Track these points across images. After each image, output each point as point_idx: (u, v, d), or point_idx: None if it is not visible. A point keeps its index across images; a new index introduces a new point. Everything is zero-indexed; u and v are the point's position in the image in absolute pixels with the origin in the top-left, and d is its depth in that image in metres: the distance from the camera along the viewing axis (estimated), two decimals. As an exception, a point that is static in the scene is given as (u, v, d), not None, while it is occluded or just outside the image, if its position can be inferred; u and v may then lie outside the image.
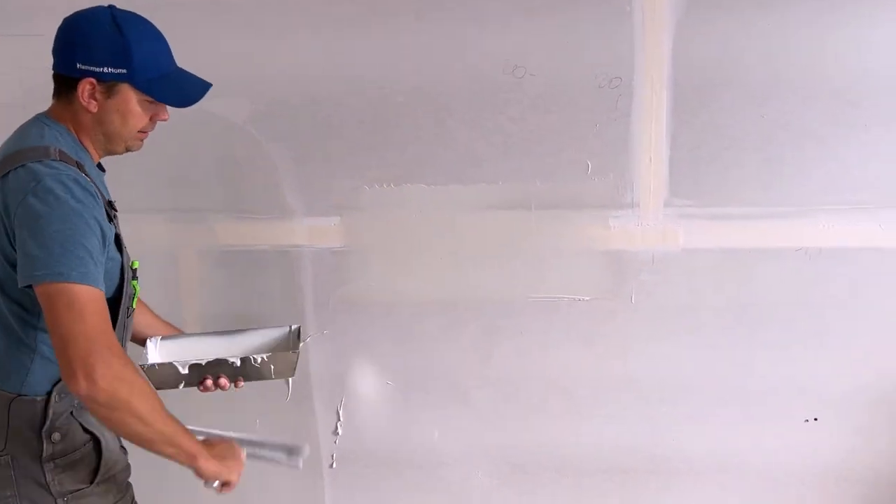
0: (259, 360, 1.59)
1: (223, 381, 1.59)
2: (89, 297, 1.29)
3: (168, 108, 1.50)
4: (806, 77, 1.90)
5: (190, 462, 1.40)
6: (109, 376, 1.26)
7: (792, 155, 1.92)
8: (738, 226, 1.96)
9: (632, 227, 1.99)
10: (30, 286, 1.31)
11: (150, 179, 2.08)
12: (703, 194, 1.96)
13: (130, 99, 1.44)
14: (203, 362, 1.58)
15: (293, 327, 1.74)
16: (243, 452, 1.51)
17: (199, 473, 1.42)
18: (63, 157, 1.37)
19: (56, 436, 1.42)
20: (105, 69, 1.41)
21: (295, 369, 1.65)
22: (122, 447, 1.58)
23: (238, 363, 1.58)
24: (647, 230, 1.99)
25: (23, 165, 1.35)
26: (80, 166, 1.39)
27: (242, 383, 1.62)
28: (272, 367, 1.61)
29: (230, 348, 1.64)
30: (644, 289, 2.02)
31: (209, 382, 1.59)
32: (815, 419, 2.03)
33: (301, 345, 1.70)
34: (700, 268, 1.99)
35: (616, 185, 1.98)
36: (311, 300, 2.14)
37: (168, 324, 1.80)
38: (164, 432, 1.35)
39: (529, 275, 2.05)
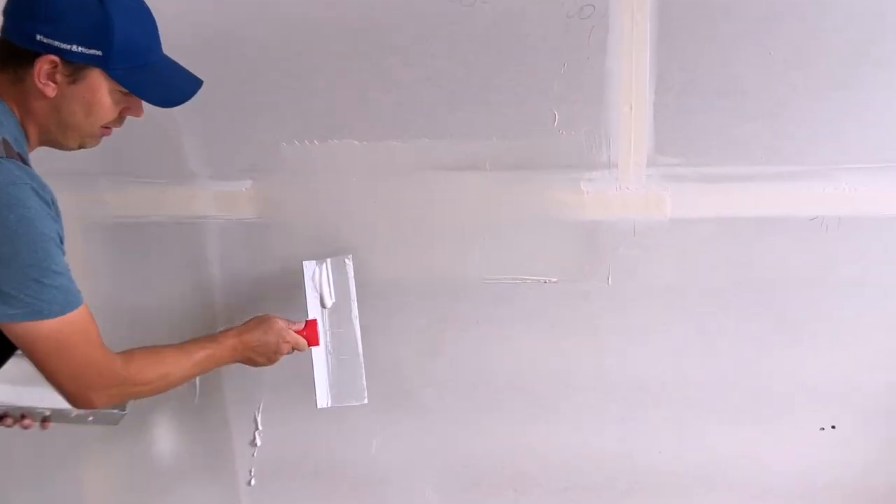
0: (74, 414, 1.38)
1: (27, 421, 1.40)
2: (73, 325, 1.18)
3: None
4: (823, 3, 1.52)
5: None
6: (107, 397, 1.26)
7: (806, 101, 1.55)
8: (738, 189, 1.59)
9: (608, 191, 1.62)
10: None
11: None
12: (696, 150, 1.59)
13: (100, 88, 1.19)
14: (4, 408, 1.38)
15: None
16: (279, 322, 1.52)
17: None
18: (8, 152, 1.13)
19: None
20: (74, 47, 1.14)
21: (119, 422, 1.46)
22: None
23: (47, 413, 1.39)
24: (628, 196, 1.62)
25: None
26: (22, 159, 1.16)
27: (52, 424, 1.42)
28: (90, 418, 1.43)
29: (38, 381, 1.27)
30: (623, 268, 1.65)
31: (9, 421, 1.39)
32: (833, 427, 1.67)
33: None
34: (692, 242, 1.63)
35: (589, 141, 1.61)
36: (219, 283, 1.77)
37: None
38: (188, 376, 1.39)
39: (484, 251, 1.68)
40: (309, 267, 1.61)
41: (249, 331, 1.47)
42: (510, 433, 1.76)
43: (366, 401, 1.62)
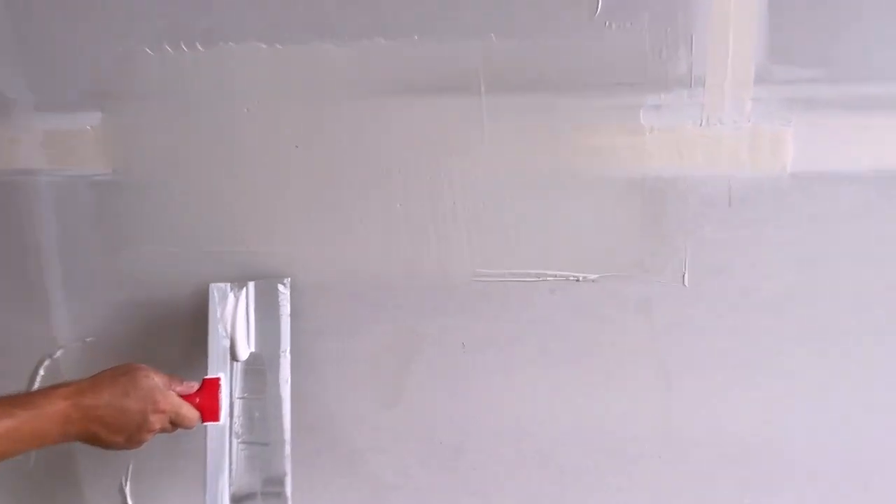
0: None
1: None
2: None
3: None
4: None
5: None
6: None
7: None
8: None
9: (688, 128, 0.95)
10: None
11: None
12: (845, 56, 0.91)
13: None
14: None
15: None
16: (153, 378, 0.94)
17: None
18: None
19: None
20: None
21: None
22: None
23: None
24: (721, 135, 0.95)
25: None
26: None
27: None
28: None
29: None
30: (710, 259, 0.99)
31: None
32: None
33: None
34: (830, 215, 0.96)
35: (655, 40, 0.94)
36: (57, 277, 1.12)
37: None
38: None
39: (477, 231, 1.02)
40: (218, 294, 1.04)
41: (97, 389, 0.91)
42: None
43: None
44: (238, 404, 1.02)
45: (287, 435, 1.01)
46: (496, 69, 0.96)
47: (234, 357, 1.03)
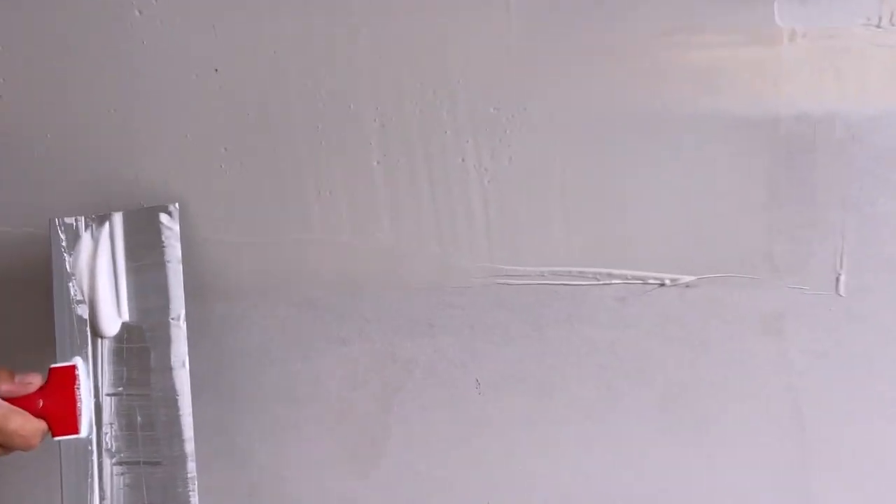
0: None
1: None
2: None
3: None
4: None
5: None
6: None
7: None
8: None
9: (855, 31, 0.57)
10: None
11: None
12: None
13: None
14: None
15: None
16: None
17: None
18: None
19: None
20: None
21: None
22: None
23: None
24: (915, 41, 0.57)
25: None
26: None
27: None
28: None
29: None
30: (883, 250, 0.61)
31: None
32: None
33: None
34: None
35: None
36: None
37: None
38: None
39: (502, 203, 0.65)
40: (65, 233, 0.69)
41: None
42: None
43: None
44: (109, 404, 0.67)
45: (189, 447, 0.66)
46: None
47: (96, 332, 0.67)
